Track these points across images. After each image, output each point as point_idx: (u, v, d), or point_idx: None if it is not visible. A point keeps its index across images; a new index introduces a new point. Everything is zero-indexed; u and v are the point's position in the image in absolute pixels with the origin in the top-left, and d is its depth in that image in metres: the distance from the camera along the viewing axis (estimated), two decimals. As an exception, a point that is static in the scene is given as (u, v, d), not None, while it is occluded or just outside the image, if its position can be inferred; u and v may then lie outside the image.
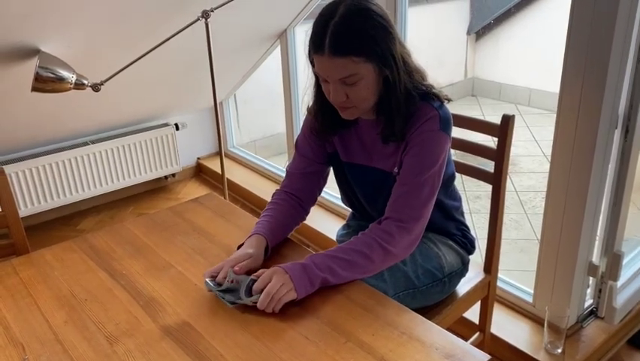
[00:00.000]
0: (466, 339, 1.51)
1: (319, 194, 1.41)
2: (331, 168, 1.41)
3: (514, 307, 1.94)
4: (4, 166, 2.60)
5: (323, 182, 1.40)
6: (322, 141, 1.34)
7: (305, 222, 1.39)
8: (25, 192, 2.73)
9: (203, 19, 2.15)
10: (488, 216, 1.52)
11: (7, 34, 1.85)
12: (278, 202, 1.33)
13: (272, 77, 3.24)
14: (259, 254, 1.18)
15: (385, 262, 1.16)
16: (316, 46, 1.10)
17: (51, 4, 1.78)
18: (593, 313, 1.86)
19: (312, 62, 1.17)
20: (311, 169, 1.36)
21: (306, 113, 1.36)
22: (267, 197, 1.41)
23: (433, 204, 1.20)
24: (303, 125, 1.38)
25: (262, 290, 1.04)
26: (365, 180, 1.33)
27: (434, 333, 0.97)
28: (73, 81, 2.00)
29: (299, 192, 1.36)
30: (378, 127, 1.22)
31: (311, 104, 1.30)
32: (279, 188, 1.38)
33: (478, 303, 1.58)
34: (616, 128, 1.61)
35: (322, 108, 1.26)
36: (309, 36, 1.13)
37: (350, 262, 1.11)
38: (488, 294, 1.56)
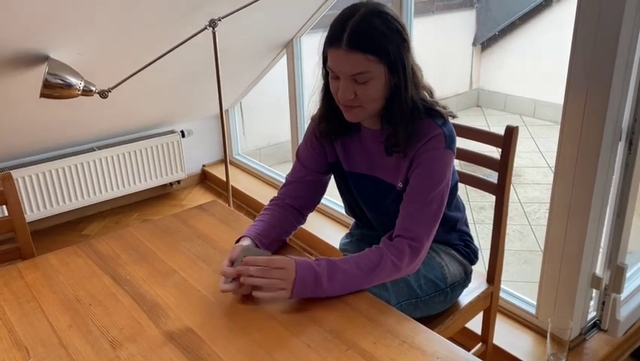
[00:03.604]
0: (468, 350, 1.51)
1: (317, 203, 1.41)
2: (332, 179, 1.42)
3: (517, 318, 1.93)
4: (11, 171, 2.61)
5: (321, 191, 1.40)
6: (324, 147, 1.34)
7: (308, 230, 1.40)
8: (32, 196, 2.75)
9: (211, 29, 2.17)
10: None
11: (18, 41, 1.87)
12: (271, 208, 1.34)
13: (277, 86, 3.26)
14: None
15: (392, 278, 1.18)
16: (333, 39, 1.11)
17: (61, 14, 1.81)
18: (596, 325, 1.85)
19: (324, 60, 1.18)
20: (310, 178, 1.37)
21: (310, 120, 1.37)
22: (271, 205, 1.41)
23: (440, 220, 1.21)
24: (305, 134, 1.39)
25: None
26: (367, 189, 1.33)
27: (436, 343, 0.98)
28: (81, 88, 2.02)
29: (295, 200, 1.36)
30: (382, 137, 1.23)
31: (318, 107, 1.30)
32: (275, 195, 1.39)
33: (481, 314, 1.58)
34: (620, 140, 1.61)
35: (328, 111, 1.26)
36: (326, 33, 1.14)
37: (360, 280, 1.13)
38: (491, 305, 1.56)
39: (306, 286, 1.08)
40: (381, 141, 1.23)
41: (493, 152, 1.44)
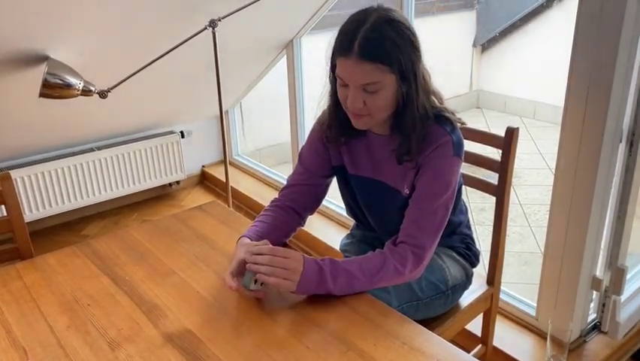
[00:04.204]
0: (468, 351, 1.50)
1: (318, 206, 1.40)
2: (334, 181, 1.41)
3: (517, 320, 1.93)
4: (10, 171, 2.61)
5: (323, 195, 1.39)
6: (328, 151, 1.33)
7: (309, 231, 1.39)
8: (31, 197, 2.74)
9: (211, 29, 2.17)
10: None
11: (18, 41, 1.87)
12: (271, 210, 1.34)
13: (278, 87, 3.26)
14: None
15: (394, 283, 1.18)
16: (344, 48, 1.09)
17: (61, 13, 1.80)
18: (596, 327, 1.85)
19: (332, 67, 1.16)
20: (312, 182, 1.36)
21: (315, 122, 1.35)
22: (271, 205, 1.40)
23: (444, 226, 1.21)
24: (308, 137, 1.37)
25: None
26: (371, 193, 1.32)
27: (436, 344, 0.97)
28: (81, 88, 2.02)
29: (296, 203, 1.35)
30: (391, 143, 1.22)
31: (326, 107, 1.28)
32: (276, 196, 1.38)
33: (481, 315, 1.58)
34: (620, 142, 1.61)
35: (336, 115, 1.24)
36: (335, 39, 1.12)
37: (362, 283, 1.12)
38: (491, 306, 1.55)
39: (311, 281, 1.08)
40: (392, 149, 1.21)
41: (494, 153, 1.44)
